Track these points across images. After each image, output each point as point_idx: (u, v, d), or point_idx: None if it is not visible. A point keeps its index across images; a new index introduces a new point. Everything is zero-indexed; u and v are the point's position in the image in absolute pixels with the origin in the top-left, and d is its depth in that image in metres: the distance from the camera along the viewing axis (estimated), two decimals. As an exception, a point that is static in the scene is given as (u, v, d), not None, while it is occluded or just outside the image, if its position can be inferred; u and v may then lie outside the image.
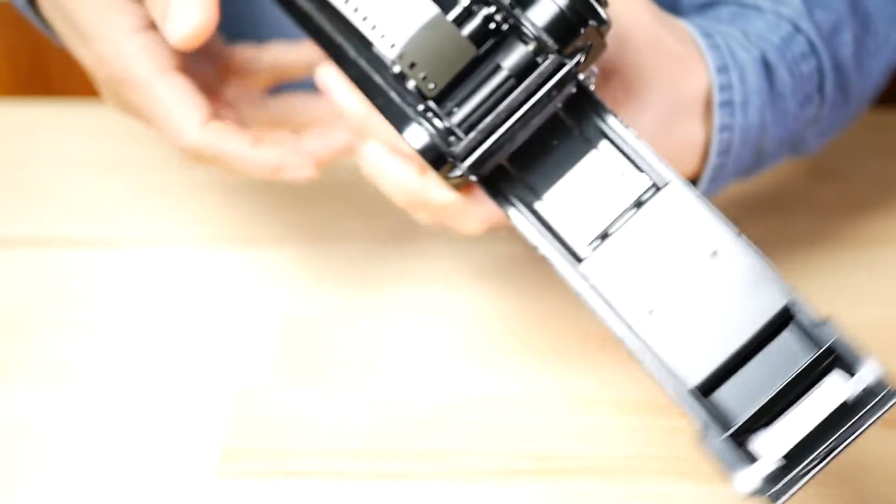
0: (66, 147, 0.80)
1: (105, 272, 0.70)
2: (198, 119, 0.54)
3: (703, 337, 0.47)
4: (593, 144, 0.50)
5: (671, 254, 0.48)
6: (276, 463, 0.58)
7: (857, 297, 0.68)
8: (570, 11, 0.46)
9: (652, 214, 0.48)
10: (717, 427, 0.46)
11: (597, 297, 0.49)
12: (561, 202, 0.50)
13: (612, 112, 0.49)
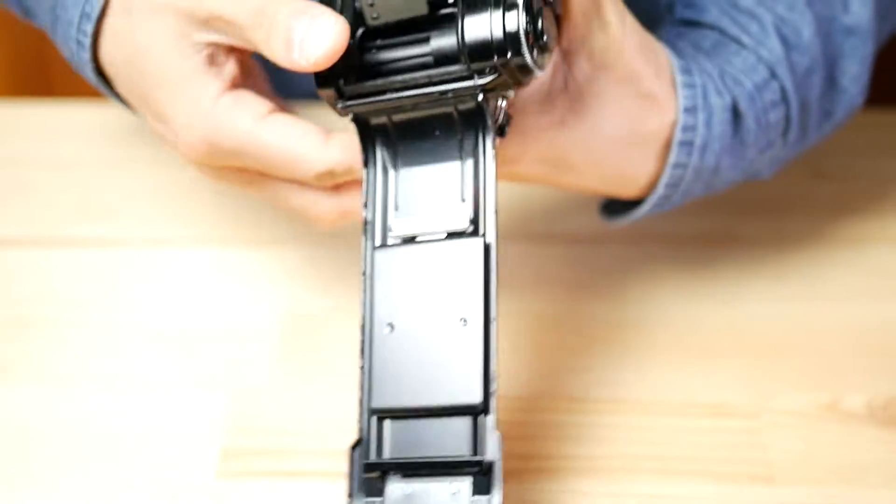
0: (66, 147, 0.80)
1: (105, 272, 0.70)
2: (318, 142, 0.53)
3: (412, 375, 0.49)
4: (463, 158, 0.51)
5: (438, 293, 0.49)
6: (276, 463, 0.58)
7: (855, 297, 0.68)
8: (494, 39, 0.48)
9: (452, 249, 0.50)
10: (366, 449, 0.50)
11: (367, 284, 0.51)
12: (408, 185, 0.51)
13: (493, 147, 0.50)
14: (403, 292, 0.50)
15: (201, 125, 0.53)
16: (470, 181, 0.51)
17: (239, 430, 0.60)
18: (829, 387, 0.62)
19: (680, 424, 0.60)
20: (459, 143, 0.51)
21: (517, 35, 0.48)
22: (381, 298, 0.50)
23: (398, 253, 0.51)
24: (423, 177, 0.51)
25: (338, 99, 0.51)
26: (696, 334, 0.65)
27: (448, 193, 0.51)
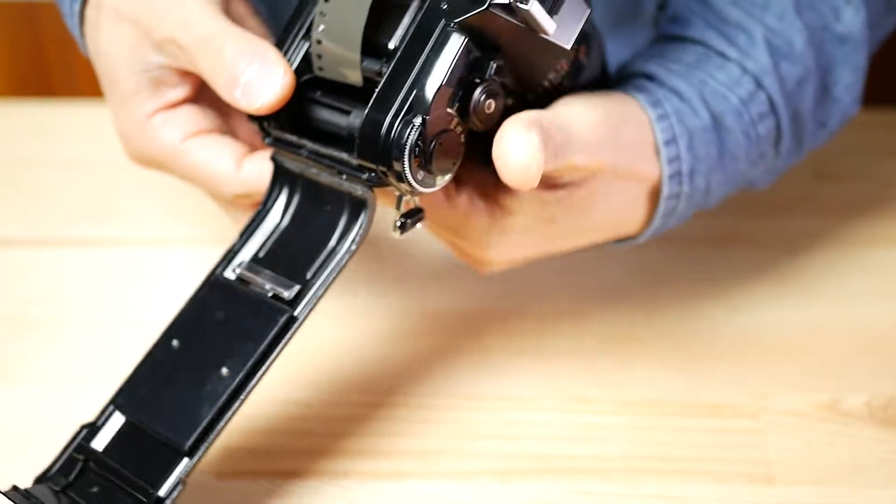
0: (66, 147, 0.80)
1: (105, 272, 0.70)
2: (230, 167, 0.55)
3: (160, 393, 0.52)
4: (333, 239, 0.52)
5: (227, 336, 0.51)
6: (276, 463, 0.58)
7: (858, 298, 0.68)
8: (379, 143, 0.49)
9: (263, 308, 0.51)
10: (92, 434, 0.52)
11: (188, 298, 0.53)
12: (283, 240, 0.54)
13: (355, 244, 0.51)
14: (205, 321, 0.52)
15: (134, 138, 0.56)
16: (320, 260, 0.52)
17: (239, 430, 0.60)
18: (829, 387, 0.62)
19: (680, 424, 0.60)
20: (340, 226, 0.52)
21: (400, 149, 0.48)
22: (187, 315, 0.52)
23: (225, 287, 0.53)
24: (298, 240, 0.53)
25: (263, 135, 0.53)
26: (697, 334, 0.65)
27: (304, 264, 0.52)
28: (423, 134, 0.48)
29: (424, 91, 0.48)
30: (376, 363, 0.64)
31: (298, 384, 0.63)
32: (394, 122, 0.48)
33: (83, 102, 0.87)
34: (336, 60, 0.52)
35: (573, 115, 0.53)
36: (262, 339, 0.50)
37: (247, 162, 0.55)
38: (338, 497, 0.57)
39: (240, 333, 0.51)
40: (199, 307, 0.53)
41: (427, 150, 0.48)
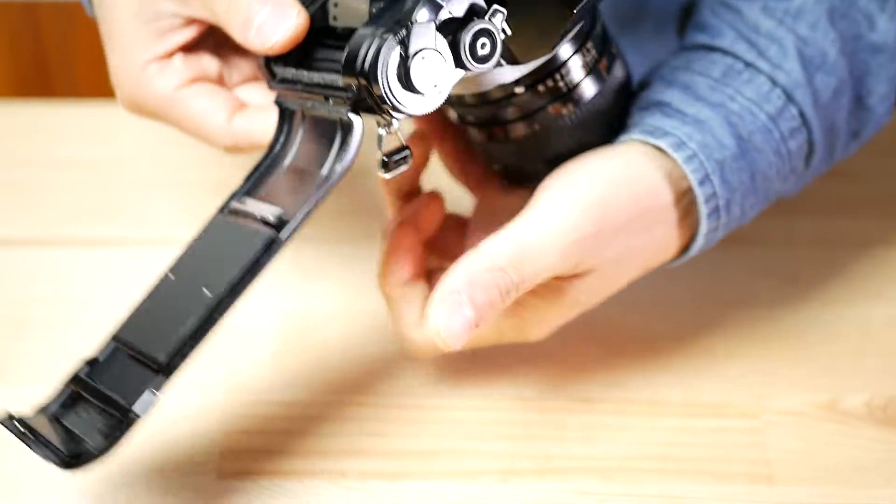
0: (66, 147, 0.80)
1: (105, 272, 0.70)
2: (222, 119, 0.56)
3: (153, 321, 0.53)
4: (324, 170, 0.52)
5: (214, 261, 0.53)
6: (277, 463, 0.58)
7: (858, 298, 0.68)
8: (360, 59, 0.49)
9: (249, 232, 0.52)
10: (95, 370, 0.53)
11: (193, 238, 0.55)
12: (282, 175, 0.54)
13: (344, 169, 0.51)
14: (199, 254, 0.54)
15: (128, 85, 0.57)
16: (311, 189, 0.52)
17: (239, 430, 0.60)
18: (829, 387, 0.62)
19: (680, 424, 0.60)
20: (332, 155, 0.52)
21: (375, 64, 0.48)
22: (185, 253, 0.54)
23: (220, 222, 0.54)
24: (296, 174, 0.54)
25: (270, 78, 0.54)
26: (697, 334, 0.65)
27: (296, 194, 0.53)
28: (404, 46, 0.49)
29: (412, 8, 0.49)
30: (376, 363, 0.64)
31: (298, 384, 0.63)
32: (376, 33, 0.49)
33: (84, 102, 0.87)
34: (348, 10, 0.53)
35: (542, 236, 0.53)
36: (243, 260, 0.51)
37: (238, 116, 0.56)
38: (338, 497, 0.57)
39: (226, 258, 0.52)
40: (196, 245, 0.54)
41: (406, 65, 0.49)
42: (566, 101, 0.56)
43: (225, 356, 0.64)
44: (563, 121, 0.56)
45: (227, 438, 0.60)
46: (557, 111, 0.56)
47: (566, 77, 0.55)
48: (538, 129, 0.56)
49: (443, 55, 0.50)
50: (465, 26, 0.50)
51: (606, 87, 0.56)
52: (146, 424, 0.60)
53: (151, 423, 0.60)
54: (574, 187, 0.54)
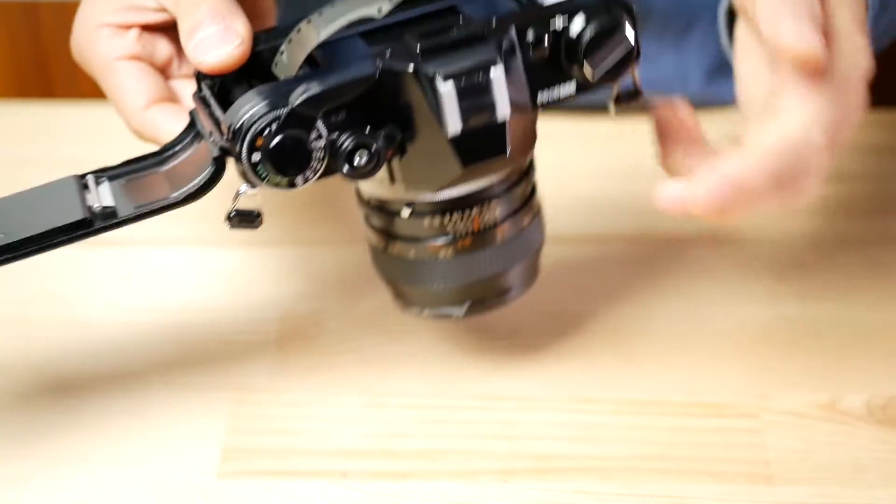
0: (67, 148, 0.80)
1: (105, 272, 0.70)
2: (140, 103, 0.57)
3: None
4: (195, 177, 0.53)
5: (31, 213, 0.55)
6: (277, 463, 0.58)
7: (858, 298, 0.68)
8: (228, 112, 0.50)
9: (73, 204, 0.53)
10: None
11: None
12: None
13: (183, 195, 0.53)
14: (33, 198, 0.56)
15: (80, 36, 0.59)
16: (153, 199, 0.54)
17: (239, 430, 0.60)
18: (829, 387, 0.62)
19: (680, 424, 0.60)
20: (189, 184, 0.53)
21: (242, 130, 0.49)
22: (25, 193, 0.56)
23: (72, 183, 0.54)
24: (157, 182, 0.55)
25: (196, 90, 0.54)
26: (697, 334, 0.65)
27: (143, 197, 0.54)
28: (277, 123, 0.49)
29: (303, 88, 0.49)
30: (376, 363, 0.64)
31: (298, 384, 0.63)
32: (258, 99, 0.49)
33: (84, 103, 0.87)
34: (287, 65, 0.53)
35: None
36: (47, 225, 0.52)
37: (156, 107, 0.57)
38: (338, 497, 0.57)
39: (42, 216, 0.53)
40: (38, 190, 0.55)
41: (270, 141, 0.49)
42: (448, 244, 0.55)
43: (225, 356, 0.64)
44: (436, 261, 0.56)
45: (227, 438, 0.60)
46: (435, 250, 0.56)
47: (448, 223, 0.55)
48: (414, 257, 0.56)
49: (313, 147, 0.49)
50: (349, 131, 0.50)
51: (483, 241, 0.56)
52: (146, 424, 0.60)
53: (151, 422, 0.60)
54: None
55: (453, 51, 0.49)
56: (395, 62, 0.49)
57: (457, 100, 0.49)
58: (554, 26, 0.51)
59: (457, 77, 0.49)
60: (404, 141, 0.51)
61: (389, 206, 0.56)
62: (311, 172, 0.50)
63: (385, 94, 0.50)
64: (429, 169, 0.52)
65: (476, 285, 0.57)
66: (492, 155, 0.51)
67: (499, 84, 0.49)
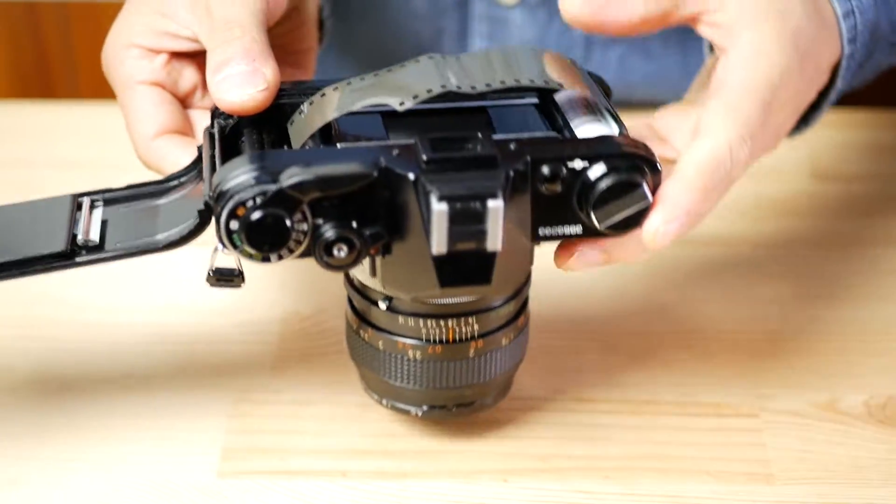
0: (67, 148, 0.80)
1: (105, 272, 0.70)
2: (150, 132, 0.56)
3: None
4: (182, 221, 0.53)
5: (24, 231, 0.55)
6: (277, 462, 0.58)
7: (858, 298, 0.68)
8: (217, 172, 0.49)
9: (60, 232, 0.54)
10: None
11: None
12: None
13: (164, 242, 0.52)
14: (26, 213, 0.56)
15: (109, 51, 0.58)
16: (138, 238, 0.53)
17: (239, 430, 0.60)
18: (828, 386, 0.62)
19: (679, 424, 0.60)
20: (175, 229, 0.52)
21: (226, 196, 0.48)
22: (21, 205, 0.57)
23: (66, 203, 0.55)
24: (151, 216, 0.54)
25: (209, 125, 0.54)
26: (696, 334, 0.66)
27: (130, 234, 0.53)
28: (262, 198, 0.48)
29: (296, 171, 0.48)
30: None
31: (298, 384, 0.63)
32: (250, 168, 0.48)
33: (84, 103, 0.87)
34: (300, 128, 0.52)
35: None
36: (30, 251, 0.52)
37: (164, 138, 0.56)
38: (338, 496, 0.57)
39: (26, 237, 0.53)
40: (36, 205, 0.56)
41: (249, 214, 0.48)
42: (418, 347, 0.55)
43: (225, 356, 0.64)
44: (404, 359, 0.55)
45: (228, 438, 0.60)
46: (404, 348, 0.55)
47: (422, 327, 0.54)
48: (383, 349, 0.55)
49: (293, 229, 0.48)
50: (334, 221, 0.49)
51: (455, 352, 0.55)
52: (146, 425, 0.60)
53: (152, 422, 0.60)
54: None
55: (459, 170, 0.48)
56: (398, 165, 0.48)
57: (447, 223, 0.47)
58: (572, 165, 0.49)
59: (452, 200, 0.47)
60: (391, 242, 0.50)
61: (369, 293, 0.55)
62: (286, 252, 0.49)
63: (381, 191, 0.48)
64: (409, 275, 0.51)
65: (440, 392, 0.56)
66: (474, 283, 0.50)
67: (494, 216, 0.48)
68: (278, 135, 0.53)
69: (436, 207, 0.47)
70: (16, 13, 1.20)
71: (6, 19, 1.12)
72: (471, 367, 0.55)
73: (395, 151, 0.49)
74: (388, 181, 0.48)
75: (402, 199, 0.48)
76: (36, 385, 0.63)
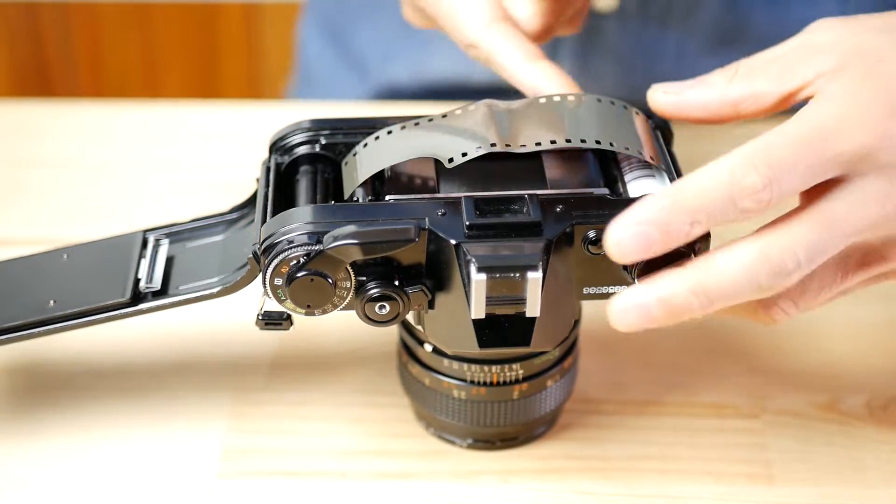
0: (66, 147, 0.80)
1: (105, 272, 0.70)
2: (483, 18, 0.56)
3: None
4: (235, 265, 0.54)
5: (83, 277, 0.56)
6: (277, 463, 0.58)
7: (855, 297, 0.68)
8: (267, 225, 0.50)
9: (122, 280, 0.54)
10: None
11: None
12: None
13: (218, 289, 0.53)
14: (95, 256, 0.57)
15: None
16: (195, 285, 0.54)
17: (239, 430, 0.60)
18: (829, 387, 0.62)
19: (680, 424, 0.60)
20: (229, 271, 0.53)
21: (272, 252, 0.49)
22: (91, 245, 0.58)
23: (136, 241, 0.56)
24: (209, 257, 0.55)
25: (267, 158, 0.56)
26: (697, 334, 0.65)
27: (188, 277, 0.55)
28: (307, 257, 0.48)
29: (340, 233, 0.48)
30: (377, 363, 0.63)
31: (298, 384, 0.63)
32: (297, 225, 0.49)
33: (83, 102, 0.87)
34: (350, 173, 0.53)
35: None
36: (92, 302, 0.53)
37: (499, 25, 0.55)
38: (338, 497, 0.57)
39: (93, 285, 0.54)
40: (106, 244, 0.56)
41: (293, 274, 0.49)
42: (462, 388, 0.55)
43: (225, 356, 0.64)
44: (449, 397, 0.56)
45: (228, 438, 0.60)
46: (449, 387, 0.56)
47: (466, 370, 0.55)
48: (429, 385, 0.56)
49: (337, 286, 0.49)
50: (378, 280, 0.49)
51: (499, 394, 0.56)
52: (147, 425, 0.60)
53: (152, 423, 0.60)
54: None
55: (501, 236, 0.49)
56: (441, 229, 0.49)
57: (486, 292, 0.48)
58: None
59: (491, 270, 0.48)
60: (434, 298, 0.50)
61: (415, 332, 0.56)
62: (330, 307, 0.50)
63: (425, 252, 0.49)
64: (450, 331, 0.52)
65: (484, 429, 0.57)
66: (515, 344, 0.51)
67: (534, 287, 0.48)
68: (333, 173, 0.54)
69: (475, 277, 0.48)
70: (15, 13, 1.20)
71: (6, 19, 1.12)
72: (515, 408, 0.56)
73: (440, 211, 0.49)
74: (430, 242, 0.49)
75: (445, 260, 0.49)
76: (36, 385, 0.63)
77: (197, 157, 0.79)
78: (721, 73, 0.52)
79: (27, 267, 0.57)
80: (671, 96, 0.52)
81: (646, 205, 0.46)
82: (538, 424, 0.59)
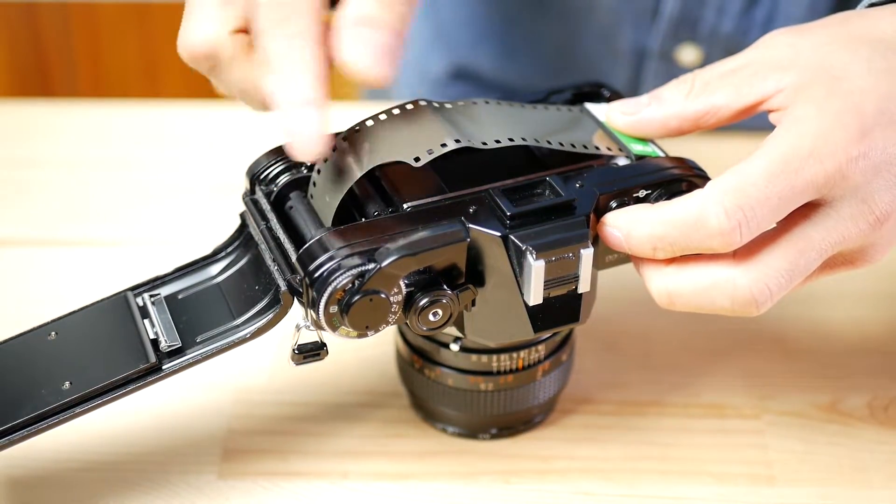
0: (66, 147, 0.80)
1: (105, 272, 0.70)
2: (229, 27, 0.50)
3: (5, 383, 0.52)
4: (255, 305, 0.52)
5: (90, 352, 0.53)
6: (277, 463, 0.58)
7: (858, 298, 0.68)
8: (307, 254, 0.48)
9: (138, 346, 0.52)
10: None
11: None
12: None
13: (252, 332, 0.52)
14: (88, 329, 0.54)
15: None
16: (218, 331, 0.52)
17: (239, 430, 0.60)
18: (830, 387, 0.62)
19: (681, 425, 0.60)
20: (254, 310, 0.52)
21: (325, 280, 0.47)
22: (79, 316, 0.54)
23: (125, 309, 0.54)
24: (216, 301, 0.54)
25: (248, 191, 0.54)
26: (697, 335, 0.65)
27: (204, 325, 0.53)
28: (360, 280, 0.47)
29: (393, 249, 0.47)
30: (377, 363, 0.63)
31: (299, 384, 0.63)
32: (343, 251, 0.48)
33: (83, 102, 0.87)
34: (321, 199, 0.52)
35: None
36: (115, 374, 0.50)
37: (239, 36, 0.51)
38: (338, 497, 0.57)
39: (105, 357, 0.51)
40: (94, 313, 0.53)
41: (351, 298, 0.48)
42: (490, 380, 0.56)
43: (226, 356, 0.64)
44: (475, 393, 0.56)
45: (229, 439, 0.60)
46: (476, 382, 0.56)
47: (494, 362, 0.55)
48: (454, 385, 0.56)
49: (392, 305, 0.48)
50: (426, 288, 0.49)
51: (525, 378, 0.56)
52: (147, 425, 0.60)
53: (152, 423, 0.60)
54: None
55: (542, 221, 0.49)
56: (483, 225, 0.49)
57: (544, 277, 0.49)
58: (636, 195, 0.51)
59: (549, 256, 0.48)
60: (475, 297, 0.50)
61: (438, 337, 0.56)
62: (384, 325, 0.49)
63: (465, 250, 0.49)
64: (497, 325, 0.51)
65: (509, 416, 0.58)
66: (566, 322, 0.52)
67: (586, 263, 0.50)
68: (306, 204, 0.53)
69: (534, 264, 0.48)
70: (16, 13, 1.20)
71: (6, 19, 1.13)
72: (539, 388, 0.57)
73: (471, 209, 0.49)
74: (475, 242, 0.49)
75: (488, 254, 0.49)
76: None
77: (197, 157, 0.79)
78: (676, 86, 0.53)
79: (14, 354, 0.53)
80: (629, 117, 0.54)
81: (629, 216, 0.50)
82: (554, 402, 0.60)
